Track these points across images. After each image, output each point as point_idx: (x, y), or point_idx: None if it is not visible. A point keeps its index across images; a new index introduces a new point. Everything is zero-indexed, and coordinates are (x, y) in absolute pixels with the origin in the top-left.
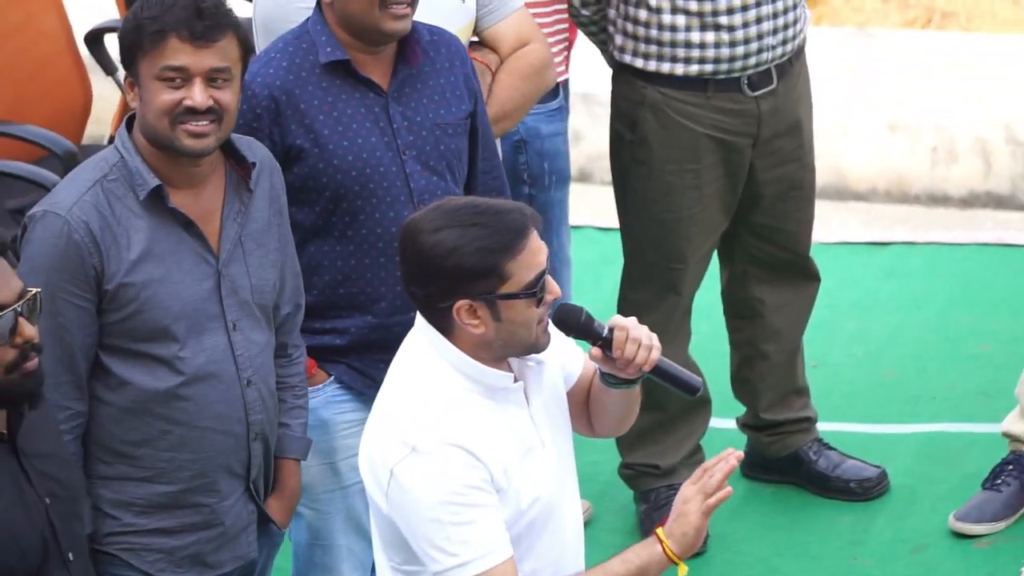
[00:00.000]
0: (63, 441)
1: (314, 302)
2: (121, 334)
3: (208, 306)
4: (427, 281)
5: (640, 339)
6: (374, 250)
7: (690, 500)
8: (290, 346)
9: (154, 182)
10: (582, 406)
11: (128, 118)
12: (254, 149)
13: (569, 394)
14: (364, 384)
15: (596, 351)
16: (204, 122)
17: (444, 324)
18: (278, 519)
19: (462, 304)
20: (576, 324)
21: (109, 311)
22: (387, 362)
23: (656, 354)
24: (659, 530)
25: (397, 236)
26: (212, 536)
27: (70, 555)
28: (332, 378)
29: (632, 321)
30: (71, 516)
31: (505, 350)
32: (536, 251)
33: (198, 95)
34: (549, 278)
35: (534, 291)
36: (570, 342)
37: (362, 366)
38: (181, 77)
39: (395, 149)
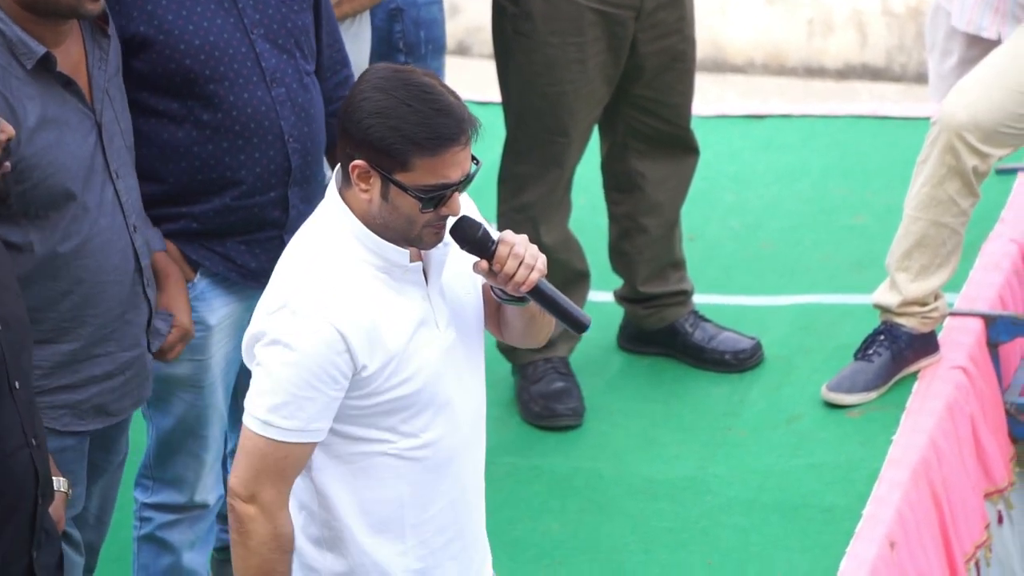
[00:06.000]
0: (12, 273)
1: (170, 190)
2: (23, 203)
3: (95, 160)
4: (345, 124)
5: (522, 256)
6: (231, 133)
7: None
8: None
9: (41, 50)
10: (495, 308)
11: None
12: None
13: (484, 289)
14: (227, 269)
15: (482, 263)
16: None
17: (346, 173)
18: (174, 308)
19: (360, 163)
20: (471, 239)
21: (12, 184)
22: (247, 244)
23: (536, 276)
24: None
25: (254, 117)
26: (115, 386)
27: (16, 384)
28: (199, 275)
29: (520, 239)
30: (20, 347)
31: (385, 231)
32: (449, 165)
33: None
34: (456, 197)
35: (423, 197)
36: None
37: (225, 251)
38: None
39: (243, 28)
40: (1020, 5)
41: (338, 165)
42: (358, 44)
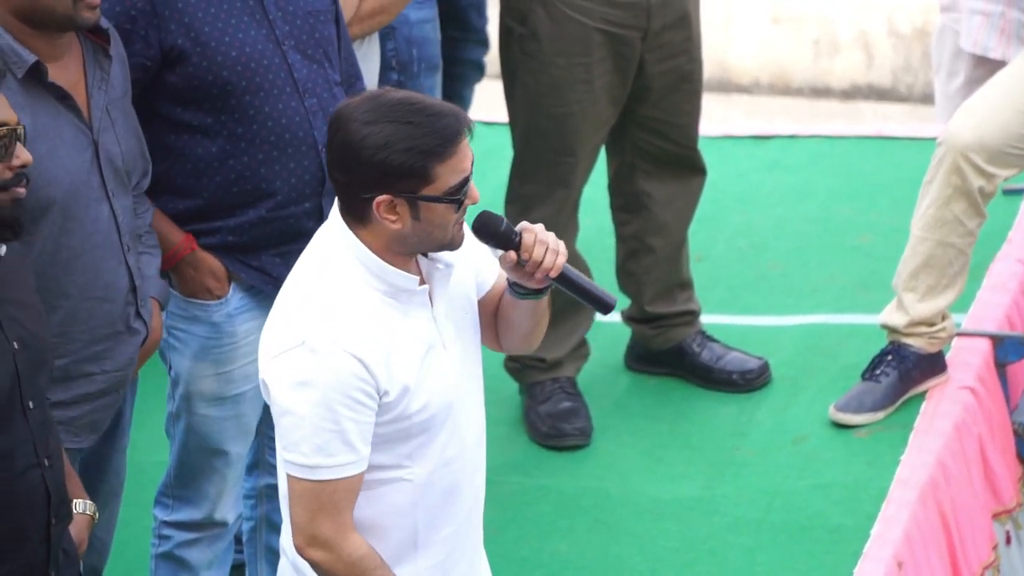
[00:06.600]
0: (35, 294)
1: (204, 205)
2: None
3: (91, 178)
4: (351, 170)
5: (547, 242)
6: (266, 144)
7: None
8: (138, 204)
9: (31, 59)
10: (491, 318)
11: None
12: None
13: (480, 303)
14: (263, 282)
15: (510, 255)
16: None
17: (361, 214)
18: (141, 357)
19: (383, 199)
20: (496, 232)
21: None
22: (282, 256)
23: (562, 260)
24: None
25: (288, 128)
26: (109, 403)
27: (30, 404)
28: (232, 289)
29: (539, 226)
30: (38, 366)
31: (419, 247)
32: (463, 157)
33: None
34: (473, 184)
35: (456, 197)
36: (487, 251)
37: (260, 264)
38: None
39: (274, 40)
40: None
41: (334, 206)
42: (367, 65)
